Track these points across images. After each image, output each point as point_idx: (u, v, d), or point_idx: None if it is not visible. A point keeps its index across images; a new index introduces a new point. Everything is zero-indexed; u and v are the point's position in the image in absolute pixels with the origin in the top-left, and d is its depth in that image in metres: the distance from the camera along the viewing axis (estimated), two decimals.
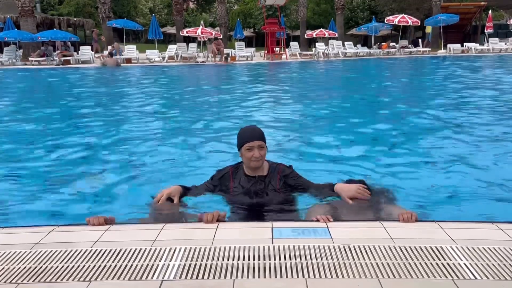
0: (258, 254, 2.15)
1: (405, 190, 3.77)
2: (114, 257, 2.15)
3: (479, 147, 5.39)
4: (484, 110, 8.10)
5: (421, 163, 4.84)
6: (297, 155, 5.14)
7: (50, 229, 2.56)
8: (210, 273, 1.98)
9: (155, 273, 1.99)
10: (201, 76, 17.72)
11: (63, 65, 21.27)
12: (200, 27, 26.71)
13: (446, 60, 22.15)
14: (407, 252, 2.16)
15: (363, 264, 2.04)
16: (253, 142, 2.99)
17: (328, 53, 24.77)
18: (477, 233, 2.44)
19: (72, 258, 2.16)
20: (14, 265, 2.09)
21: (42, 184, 4.37)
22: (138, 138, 6.38)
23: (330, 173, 4.42)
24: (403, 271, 1.97)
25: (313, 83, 14.75)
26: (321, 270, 1.99)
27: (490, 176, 4.26)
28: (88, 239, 2.39)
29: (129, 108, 9.40)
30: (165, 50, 24.69)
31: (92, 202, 3.86)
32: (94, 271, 2.02)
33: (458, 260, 2.07)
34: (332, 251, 2.18)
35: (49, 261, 2.12)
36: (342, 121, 7.61)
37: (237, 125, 6.95)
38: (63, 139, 6.38)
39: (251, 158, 3.00)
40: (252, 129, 3.16)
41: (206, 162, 4.97)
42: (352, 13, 40.83)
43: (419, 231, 2.46)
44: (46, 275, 1.99)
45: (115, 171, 4.72)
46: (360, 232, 2.46)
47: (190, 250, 2.21)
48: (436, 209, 3.31)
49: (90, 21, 35.88)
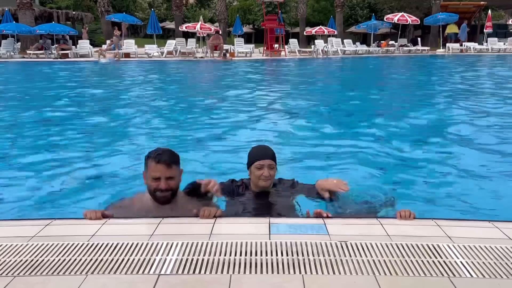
0: (255, 250, 2.15)
1: (403, 188, 3.78)
2: (111, 251, 2.15)
3: (477, 146, 5.41)
4: (483, 108, 8.11)
5: (419, 161, 4.85)
6: (292, 154, 5.14)
7: (47, 222, 2.55)
8: (207, 268, 1.98)
9: (152, 268, 1.99)
10: (199, 72, 17.68)
11: (61, 59, 21.19)
12: (199, 22, 26.62)
13: (445, 59, 22.18)
14: (404, 249, 2.17)
15: (359, 261, 2.04)
16: (263, 161, 2.96)
17: (327, 51, 24.74)
18: (474, 231, 2.44)
19: (69, 251, 2.15)
20: (11, 258, 2.09)
21: (40, 177, 4.36)
22: (135, 132, 6.37)
23: (323, 170, 4.44)
24: (399, 269, 1.98)
25: (311, 80, 14.74)
26: (317, 266, 2.00)
27: (488, 175, 4.28)
28: (85, 232, 2.39)
29: (125, 102, 9.39)
30: (163, 45, 24.60)
31: (89, 196, 3.85)
32: (90, 264, 2.02)
33: (454, 258, 2.07)
34: (329, 247, 2.18)
35: (46, 254, 2.12)
36: (339, 118, 7.61)
37: (232, 124, 6.97)
38: (60, 133, 6.37)
39: (260, 177, 2.96)
40: (265, 148, 3.14)
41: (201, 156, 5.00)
42: (351, 11, 40.70)
43: (416, 228, 2.46)
44: (43, 268, 1.98)
45: (114, 165, 4.72)
46: (357, 228, 2.47)
47: (187, 245, 2.20)
48: (433, 207, 3.32)
49: (89, 15, 35.64)
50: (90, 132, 6.44)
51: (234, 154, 5.15)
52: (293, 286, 1.83)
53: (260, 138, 5.81)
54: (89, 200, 3.73)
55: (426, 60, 22.27)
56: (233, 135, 6.23)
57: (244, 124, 7.06)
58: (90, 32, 31.82)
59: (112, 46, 22.51)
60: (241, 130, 6.60)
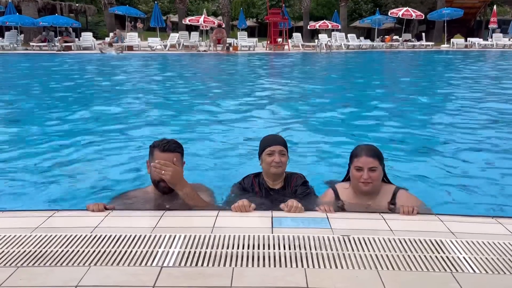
0: (257, 243, 2.15)
1: (406, 183, 3.77)
2: (114, 243, 2.16)
3: (480, 141, 5.39)
4: (485, 104, 8.07)
5: (421, 157, 4.84)
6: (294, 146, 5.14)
7: (50, 213, 2.56)
8: (210, 261, 1.98)
9: (155, 260, 1.99)
10: (201, 65, 17.64)
11: (64, 51, 21.19)
12: (202, 16, 26.54)
13: (449, 54, 22.06)
14: (407, 244, 2.16)
15: (362, 255, 2.04)
16: (274, 147, 2.93)
17: (330, 45, 24.65)
18: (477, 227, 2.44)
19: (72, 242, 2.16)
20: (14, 249, 2.09)
21: (44, 169, 4.37)
22: (138, 125, 6.38)
23: (324, 163, 4.43)
24: (402, 263, 1.98)
25: (313, 75, 14.70)
26: (320, 260, 2.00)
27: (491, 171, 4.27)
28: (88, 224, 2.39)
29: (128, 94, 9.38)
30: (167, 38, 24.53)
31: (92, 189, 3.86)
32: (93, 256, 2.02)
33: (457, 254, 2.07)
34: (332, 241, 2.18)
35: (49, 245, 2.13)
36: (339, 113, 7.58)
37: (234, 118, 6.95)
38: (64, 125, 6.38)
39: (271, 163, 2.92)
40: (274, 135, 3.13)
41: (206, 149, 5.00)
42: (355, 5, 40.53)
43: (419, 224, 2.46)
44: (46, 259, 1.99)
45: (117, 158, 4.73)
46: (360, 223, 2.47)
47: (189, 238, 2.21)
48: (436, 203, 3.31)
49: (92, 7, 35.63)
50: (92, 125, 6.44)
51: (235, 146, 5.16)
52: (296, 280, 1.83)
53: (262, 130, 5.81)
54: (93, 193, 3.75)
55: (430, 56, 22.14)
56: (235, 128, 6.23)
57: (245, 117, 7.06)
58: (93, 24, 31.73)
59: (115, 38, 22.48)
60: (242, 123, 6.59)
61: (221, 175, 4.06)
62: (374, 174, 2.75)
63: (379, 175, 2.79)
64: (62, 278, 1.85)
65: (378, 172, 2.76)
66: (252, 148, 4.52)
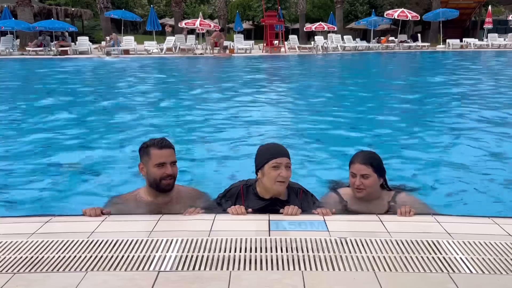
0: (254, 246, 2.15)
1: (403, 184, 3.77)
2: (111, 248, 2.15)
3: (477, 142, 5.40)
4: (482, 105, 8.10)
5: (419, 157, 4.85)
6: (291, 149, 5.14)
7: (47, 219, 2.55)
8: (207, 265, 1.98)
9: (152, 264, 1.99)
10: (198, 68, 17.64)
11: (60, 56, 21.15)
12: (198, 19, 26.54)
13: (445, 55, 22.13)
14: (404, 245, 2.17)
15: (359, 257, 2.04)
16: (281, 159, 2.55)
17: (327, 47, 24.70)
18: (474, 227, 2.44)
19: (69, 248, 2.15)
20: (11, 255, 2.09)
21: (40, 174, 4.35)
22: (134, 128, 6.37)
23: (321, 165, 4.44)
24: (399, 265, 1.98)
25: (310, 76, 14.71)
26: (317, 262, 2.00)
27: (488, 171, 4.28)
28: (84, 229, 2.39)
29: (124, 98, 9.37)
30: (163, 41, 24.52)
31: (88, 194, 3.85)
32: (90, 261, 2.02)
33: (454, 254, 2.07)
34: (329, 244, 2.18)
35: (46, 251, 2.12)
36: (337, 113, 7.60)
37: (229, 121, 6.95)
38: (60, 129, 6.36)
39: (277, 178, 2.55)
40: (278, 145, 2.71)
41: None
42: (351, 7, 40.65)
43: (416, 225, 2.46)
44: (43, 265, 1.98)
45: (114, 162, 4.72)
46: (357, 225, 2.47)
47: (186, 242, 2.21)
48: (433, 203, 3.32)
49: (88, 12, 35.54)
50: (88, 129, 6.44)
51: (230, 149, 5.17)
52: (293, 282, 1.83)
53: (258, 134, 5.82)
54: (89, 197, 3.73)
55: (426, 56, 22.22)
56: (231, 131, 6.23)
57: (241, 119, 7.06)
58: (90, 28, 31.68)
59: (111, 42, 22.46)
60: (239, 126, 6.59)
61: (217, 179, 4.06)
62: (367, 181, 2.73)
63: (373, 183, 2.76)
64: (59, 284, 1.84)
65: (371, 180, 2.74)
66: (249, 152, 4.52)
